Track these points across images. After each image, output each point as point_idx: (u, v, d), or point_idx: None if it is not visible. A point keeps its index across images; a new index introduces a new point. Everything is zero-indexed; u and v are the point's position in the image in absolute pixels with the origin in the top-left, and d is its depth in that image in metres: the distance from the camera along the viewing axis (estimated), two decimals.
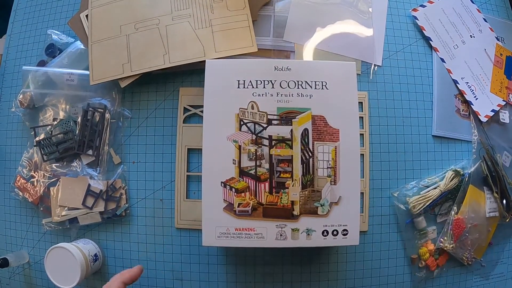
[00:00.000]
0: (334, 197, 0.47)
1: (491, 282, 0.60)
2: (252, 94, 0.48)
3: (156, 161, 0.58)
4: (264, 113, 0.47)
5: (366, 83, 0.60)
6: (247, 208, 0.47)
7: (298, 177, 0.47)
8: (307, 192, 0.47)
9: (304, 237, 0.47)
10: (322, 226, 0.47)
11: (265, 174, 0.47)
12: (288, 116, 0.47)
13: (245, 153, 0.47)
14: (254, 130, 0.47)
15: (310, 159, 0.47)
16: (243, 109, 0.47)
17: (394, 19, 0.63)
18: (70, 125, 0.59)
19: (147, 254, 0.57)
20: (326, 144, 0.47)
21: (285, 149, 0.47)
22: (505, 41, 0.67)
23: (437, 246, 0.57)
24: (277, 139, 0.47)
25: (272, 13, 0.61)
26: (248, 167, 0.47)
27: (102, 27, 0.58)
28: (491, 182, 0.59)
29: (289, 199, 0.47)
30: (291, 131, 0.47)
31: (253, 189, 0.47)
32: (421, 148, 0.59)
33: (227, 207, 0.47)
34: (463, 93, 0.61)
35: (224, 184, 0.47)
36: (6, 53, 0.67)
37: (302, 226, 0.47)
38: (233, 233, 0.47)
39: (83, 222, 0.57)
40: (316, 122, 0.48)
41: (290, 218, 0.47)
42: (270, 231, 0.47)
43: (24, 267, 0.61)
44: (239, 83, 0.48)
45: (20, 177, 0.60)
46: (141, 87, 0.60)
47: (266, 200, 0.47)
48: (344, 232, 0.47)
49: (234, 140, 0.47)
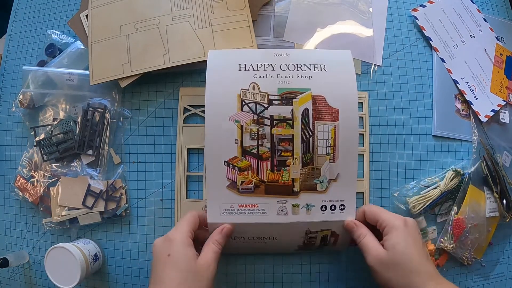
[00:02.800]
0: (333, 174, 0.49)
1: (491, 282, 0.60)
2: (253, 76, 0.49)
3: (156, 161, 0.58)
4: (265, 94, 0.48)
5: (366, 83, 0.60)
6: (249, 186, 0.48)
7: (299, 155, 0.48)
8: (307, 169, 0.48)
9: (304, 212, 0.49)
10: (321, 202, 0.49)
11: (266, 153, 0.48)
12: (289, 96, 0.48)
13: (247, 133, 0.48)
14: (256, 110, 0.48)
15: (310, 138, 0.48)
16: (245, 90, 0.48)
17: (394, 19, 0.63)
18: (70, 125, 0.59)
19: (147, 254, 0.57)
20: (326, 123, 0.48)
21: (286, 128, 0.48)
22: (505, 41, 0.67)
23: (437, 246, 0.57)
24: (278, 119, 0.48)
25: (272, 13, 0.61)
26: (250, 146, 0.48)
27: (102, 27, 0.58)
28: (491, 182, 0.59)
29: (289, 176, 0.48)
30: (292, 110, 0.48)
31: (255, 168, 0.48)
32: (421, 148, 0.59)
33: (231, 185, 0.48)
34: (463, 93, 0.61)
35: (227, 163, 0.48)
36: (6, 53, 0.67)
37: (302, 201, 0.49)
38: (237, 209, 0.48)
39: (83, 222, 0.57)
40: (316, 102, 0.48)
41: (290, 195, 0.48)
42: (272, 207, 0.48)
43: (24, 267, 0.61)
44: (240, 66, 0.49)
45: (20, 177, 0.60)
46: (141, 87, 0.60)
47: (267, 177, 0.48)
48: (341, 207, 0.49)
49: (236, 120, 0.48)
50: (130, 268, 0.58)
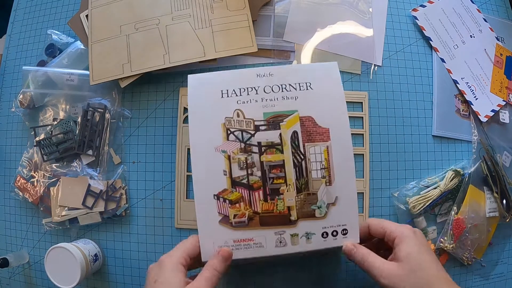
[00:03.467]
0: (331, 198, 0.46)
1: (491, 282, 0.60)
2: (237, 102, 0.47)
3: (156, 161, 0.58)
4: (250, 120, 0.46)
5: (366, 83, 0.60)
6: (243, 219, 0.46)
7: (292, 181, 0.46)
8: (303, 195, 0.46)
9: (304, 241, 0.46)
10: (321, 229, 0.46)
11: (258, 182, 0.46)
12: (276, 120, 0.46)
13: (235, 163, 0.46)
14: (242, 138, 0.46)
15: (302, 161, 0.46)
16: (229, 118, 0.46)
17: (394, 19, 0.63)
18: (70, 125, 0.59)
19: (147, 254, 0.57)
20: (317, 144, 0.46)
21: (276, 154, 0.46)
22: (505, 41, 0.67)
23: (437, 246, 0.57)
24: (266, 145, 0.46)
25: (272, 13, 0.61)
26: (239, 176, 0.46)
27: (102, 27, 0.58)
28: (491, 182, 0.59)
29: (285, 205, 0.46)
30: (280, 135, 0.46)
31: (247, 199, 0.46)
32: (421, 148, 0.59)
33: (223, 219, 0.46)
34: (463, 93, 0.61)
35: (217, 197, 0.46)
36: (6, 53, 0.67)
37: (301, 230, 0.46)
38: (232, 245, 0.45)
39: (83, 222, 0.57)
40: (304, 123, 0.47)
41: (288, 224, 0.46)
42: (269, 239, 0.46)
43: (24, 267, 0.61)
44: (222, 93, 0.47)
45: (20, 177, 0.60)
46: (141, 87, 0.60)
47: (261, 208, 0.46)
48: (343, 232, 0.46)
49: (222, 150, 0.46)
50: (130, 268, 0.58)
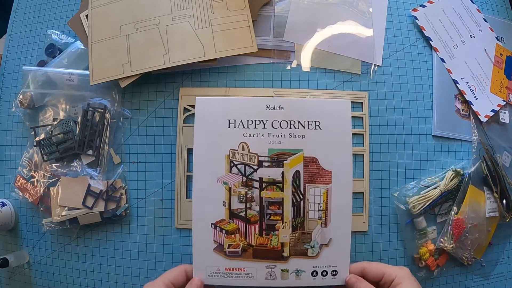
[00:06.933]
0: (324, 239, 0.47)
1: (491, 282, 0.60)
2: (243, 135, 0.47)
3: (156, 161, 0.58)
4: (255, 155, 0.47)
5: (366, 83, 0.60)
6: (237, 249, 0.47)
7: (289, 219, 0.47)
8: (297, 234, 0.47)
9: (293, 277, 0.47)
10: (311, 267, 0.47)
11: (255, 216, 0.47)
12: (280, 157, 0.47)
13: (235, 195, 0.47)
14: (245, 172, 0.47)
15: (301, 201, 0.47)
16: (234, 150, 0.47)
17: (394, 19, 0.63)
18: (70, 125, 0.59)
19: (147, 254, 0.57)
20: (318, 186, 0.47)
21: (276, 191, 0.47)
22: (505, 41, 0.67)
23: (437, 246, 0.57)
24: (267, 182, 0.47)
25: (272, 13, 0.61)
26: (238, 209, 0.47)
27: (102, 27, 0.58)
28: (491, 182, 0.59)
29: (279, 241, 0.47)
30: (282, 173, 0.47)
31: (243, 231, 0.47)
32: (421, 148, 0.59)
33: (218, 247, 0.47)
34: (463, 93, 0.61)
35: (214, 226, 0.47)
36: (6, 53, 0.67)
37: (291, 267, 0.47)
38: (224, 272, 0.47)
39: (83, 222, 0.57)
40: (308, 163, 0.47)
41: (280, 259, 0.47)
42: (260, 271, 0.47)
43: (24, 267, 0.61)
44: (230, 123, 0.48)
45: (20, 177, 0.60)
46: (141, 87, 0.60)
47: (256, 241, 0.47)
48: (333, 273, 0.48)
49: (224, 182, 0.47)
50: (130, 268, 0.58)
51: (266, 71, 0.59)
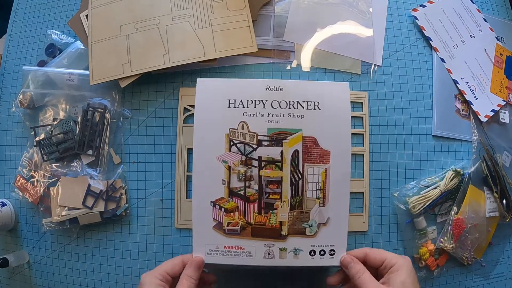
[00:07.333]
0: (323, 218, 0.48)
1: (491, 282, 0.60)
2: (243, 114, 0.48)
3: (156, 161, 0.58)
4: (254, 134, 0.47)
5: (366, 83, 0.60)
6: (236, 228, 0.48)
7: (287, 198, 0.47)
8: (296, 213, 0.48)
9: (291, 256, 0.47)
10: (309, 246, 0.48)
11: (254, 195, 0.48)
12: (279, 137, 0.47)
13: (235, 174, 0.47)
14: (244, 151, 0.47)
15: (299, 181, 0.47)
16: (233, 130, 0.47)
17: (394, 19, 0.63)
18: (70, 125, 0.59)
19: (147, 254, 0.57)
20: (317, 166, 0.47)
21: (275, 170, 0.47)
22: (505, 41, 0.67)
23: (437, 246, 0.57)
24: (266, 161, 0.47)
25: (272, 13, 0.61)
26: (237, 187, 0.48)
27: (102, 27, 0.58)
28: (491, 182, 0.59)
29: (277, 219, 0.47)
30: (281, 152, 0.47)
31: (242, 209, 0.48)
32: (421, 148, 0.59)
33: (217, 225, 0.48)
34: (463, 93, 0.61)
35: (214, 204, 0.47)
36: (6, 53, 0.67)
37: (289, 246, 0.47)
38: (222, 250, 0.47)
39: (83, 222, 0.57)
40: (307, 143, 0.47)
41: (278, 238, 0.47)
42: (258, 250, 0.47)
43: (24, 267, 0.61)
44: (230, 102, 0.48)
45: (20, 177, 0.60)
46: (141, 87, 0.60)
47: (254, 220, 0.48)
48: (331, 252, 0.48)
49: (223, 160, 0.47)
50: (130, 268, 0.58)
51: (266, 71, 0.60)
